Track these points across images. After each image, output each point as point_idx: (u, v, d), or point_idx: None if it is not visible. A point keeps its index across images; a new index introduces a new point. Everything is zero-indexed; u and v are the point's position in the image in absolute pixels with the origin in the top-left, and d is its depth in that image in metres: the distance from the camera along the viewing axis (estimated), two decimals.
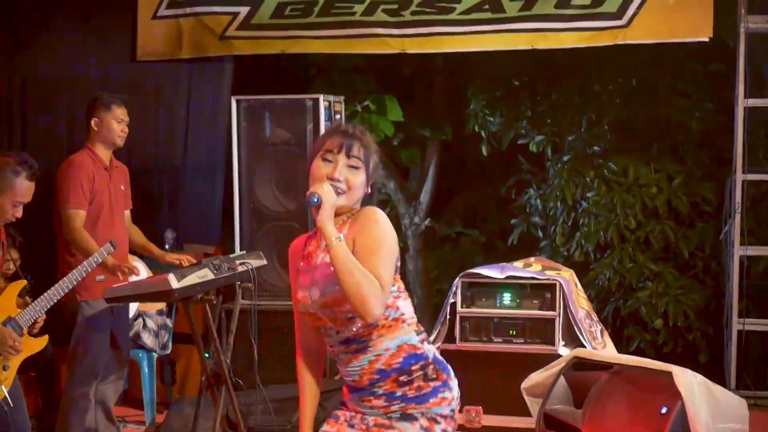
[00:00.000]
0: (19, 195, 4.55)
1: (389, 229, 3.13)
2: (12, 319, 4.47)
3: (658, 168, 7.79)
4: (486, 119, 8.72)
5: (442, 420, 3.15)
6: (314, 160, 3.19)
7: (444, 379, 3.19)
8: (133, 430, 6.49)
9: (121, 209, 5.78)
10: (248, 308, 5.85)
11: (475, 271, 6.35)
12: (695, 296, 7.63)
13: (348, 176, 3.16)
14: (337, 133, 3.21)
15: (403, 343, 3.16)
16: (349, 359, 3.18)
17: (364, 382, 3.17)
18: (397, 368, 3.14)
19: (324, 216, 3.06)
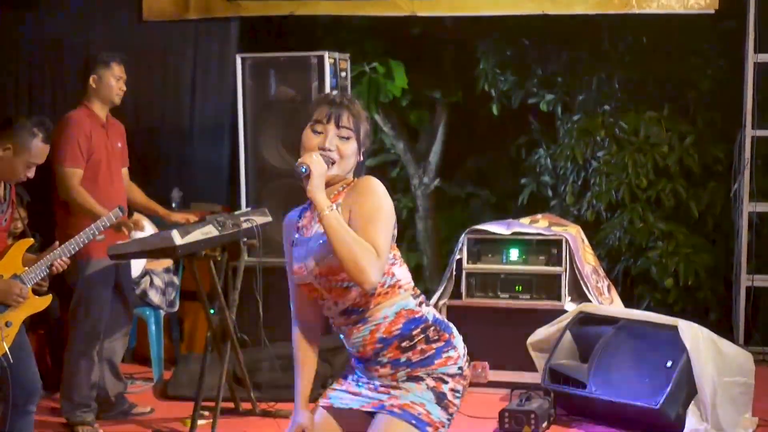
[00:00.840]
0: (33, 156, 4.57)
1: (386, 198, 3.11)
2: (17, 276, 4.48)
3: (670, 127, 7.71)
4: (496, 78, 8.66)
5: (449, 379, 3.12)
6: (304, 130, 3.17)
7: (447, 339, 3.16)
8: (140, 386, 6.50)
9: (119, 167, 5.76)
10: (253, 265, 5.85)
11: (481, 228, 6.33)
12: (706, 255, 7.58)
13: (339, 145, 3.13)
14: (325, 102, 3.18)
15: (401, 308, 3.13)
16: (350, 331, 3.16)
17: (368, 353, 3.15)
18: (398, 335, 3.12)
19: (314, 186, 3.03)
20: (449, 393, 3.12)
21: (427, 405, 3.09)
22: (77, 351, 5.61)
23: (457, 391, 3.15)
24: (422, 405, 3.08)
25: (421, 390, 3.10)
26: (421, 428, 3.06)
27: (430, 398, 3.10)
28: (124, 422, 5.78)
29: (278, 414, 5.77)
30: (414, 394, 3.10)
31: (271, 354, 5.92)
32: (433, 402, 3.09)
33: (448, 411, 3.13)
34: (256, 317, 5.74)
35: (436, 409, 3.09)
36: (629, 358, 5.49)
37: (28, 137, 4.53)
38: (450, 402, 3.13)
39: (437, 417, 3.09)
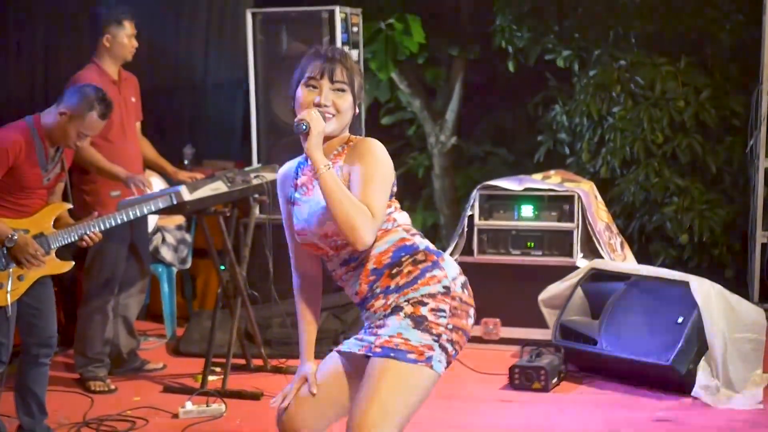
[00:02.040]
0: (86, 128, 4.62)
1: (384, 160, 3.10)
2: (43, 236, 4.51)
3: (686, 81, 7.62)
4: (513, 34, 8.57)
5: (429, 300, 3.10)
6: (297, 88, 3.15)
7: (434, 260, 3.15)
8: (153, 343, 6.54)
9: (132, 122, 5.75)
10: (263, 222, 5.86)
11: (492, 184, 6.30)
12: (722, 211, 7.51)
13: (335, 100, 3.12)
14: (317, 58, 3.15)
15: (393, 241, 3.15)
16: (350, 276, 3.18)
17: (364, 290, 3.16)
18: (388, 263, 3.13)
19: (312, 143, 3.03)
20: (429, 314, 3.08)
21: (404, 333, 3.06)
22: (91, 306, 5.64)
23: (441, 311, 3.10)
24: (399, 335, 3.06)
25: (399, 320, 3.08)
26: (402, 358, 3.04)
27: (406, 325, 3.07)
28: (136, 378, 5.81)
29: (289, 370, 5.79)
30: (391, 328, 3.08)
31: (282, 310, 5.93)
32: (410, 328, 3.07)
33: (432, 332, 3.07)
34: (267, 274, 5.76)
35: (414, 333, 3.06)
36: (640, 314, 5.47)
37: (86, 108, 4.57)
38: (432, 323, 3.08)
39: (417, 341, 3.06)
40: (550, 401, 5.31)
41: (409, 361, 3.05)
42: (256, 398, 5.39)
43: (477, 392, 5.44)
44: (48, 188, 4.64)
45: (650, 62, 7.70)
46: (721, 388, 5.15)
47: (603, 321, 5.55)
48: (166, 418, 5.12)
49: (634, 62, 7.78)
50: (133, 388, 5.63)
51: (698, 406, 5.12)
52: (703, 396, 5.14)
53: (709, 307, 5.22)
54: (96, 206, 5.38)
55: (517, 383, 5.46)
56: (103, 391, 5.54)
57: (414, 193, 9.78)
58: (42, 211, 4.57)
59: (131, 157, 5.68)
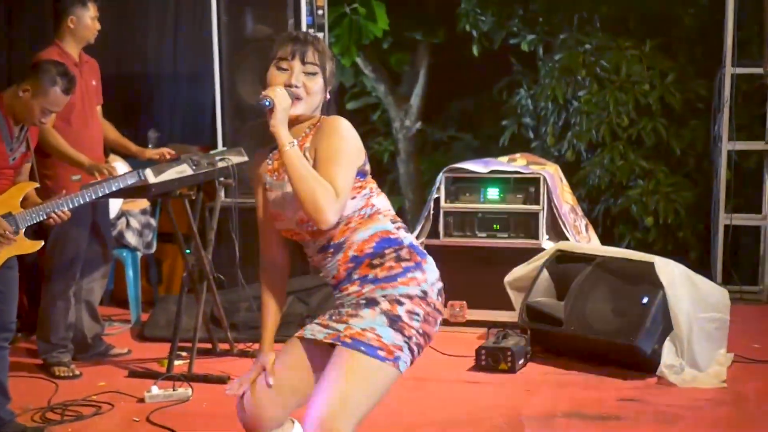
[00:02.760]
0: (50, 103, 4.58)
1: (351, 138, 3.07)
2: (11, 215, 4.45)
3: (651, 65, 7.67)
4: (477, 18, 8.58)
5: (407, 300, 3.07)
6: (269, 69, 3.12)
7: (418, 261, 3.12)
8: (118, 328, 6.49)
9: (94, 105, 5.68)
10: (229, 205, 5.82)
11: (458, 166, 6.30)
12: (686, 194, 7.59)
13: (305, 82, 3.09)
14: (288, 40, 3.12)
15: (377, 230, 3.11)
16: (328, 261, 3.14)
17: (342, 275, 3.13)
18: (369, 253, 3.09)
19: (277, 119, 2.99)
20: (405, 315, 3.06)
21: (378, 329, 3.03)
22: (53, 291, 5.58)
23: (416, 314, 3.08)
24: (372, 330, 3.03)
25: (374, 315, 3.05)
26: (371, 354, 3.01)
27: (381, 322, 3.04)
28: (101, 363, 5.76)
29: (255, 354, 5.73)
30: (366, 321, 3.05)
31: (249, 294, 5.90)
32: (384, 325, 3.04)
33: (404, 333, 3.05)
34: (233, 257, 5.73)
35: (388, 332, 3.04)
36: (606, 295, 5.49)
37: (48, 83, 4.54)
38: (405, 324, 3.06)
39: (390, 340, 3.03)
40: (517, 382, 5.32)
41: (378, 358, 3.02)
42: (222, 382, 5.34)
43: (444, 374, 5.44)
44: (15, 168, 4.59)
45: (615, 46, 7.75)
46: (686, 367, 5.19)
47: (569, 302, 5.56)
48: (131, 402, 5.07)
49: (600, 46, 7.83)
50: (97, 373, 5.58)
51: (663, 386, 5.15)
52: (668, 375, 5.17)
53: (674, 287, 5.25)
54: (57, 190, 5.33)
55: (484, 365, 5.46)
56: (68, 377, 5.49)
57: (379, 178, 9.70)
58: (9, 191, 4.52)
59: (93, 141, 5.62)
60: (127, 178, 4.95)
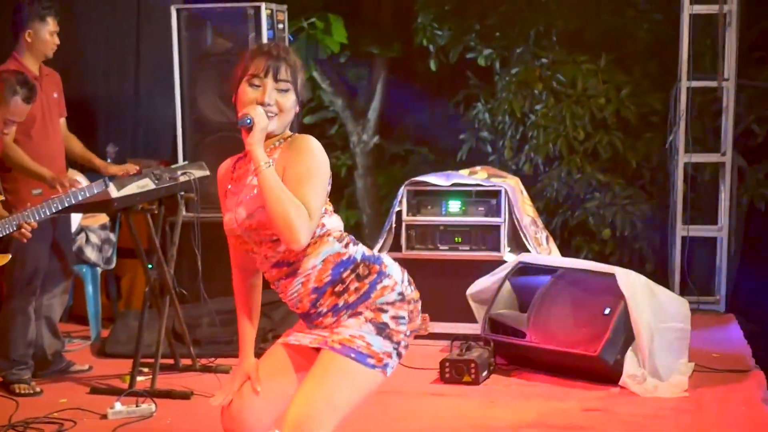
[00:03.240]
0: (11, 113, 4.55)
1: (322, 158, 3.07)
2: None
3: (607, 79, 7.76)
4: (434, 33, 8.63)
5: (389, 307, 3.09)
6: (240, 84, 3.11)
7: (378, 270, 3.13)
8: (78, 345, 6.44)
9: (56, 118, 5.64)
10: (191, 220, 5.80)
11: (420, 179, 6.33)
12: (642, 206, 7.68)
13: (278, 99, 3.08)
14: (261, 55, 3.10)
15: (327, 255, 3.10)
16: (284, 285, 3.13)
17: (306, 306, 3.13)
18: (329, 281, 3.09)
19: (255, 139, 2.99)
20: (391, 321, 3.08)
21: (367, 337, 3.05)
22: (13, 308, 5.52)
23: (401, 317, 3.11)
24: (362, 337, 3.05)
25: (359, 323, 3.06)
26: (361, 361, 3.03)
27: (369, 330, 3.06)
28: (61, 380, 5.71)
29: (218, 369, 5.74)
30: (353, 328, 3.06)
31: (211, 309, 5.88)
32: (373, 333, 3.06)
33: (393, 339, 3.08)
34: (195, 272, 5.71)
35: (377, 339, 3.06)
36: (568, 306, 5.54)
37: (9, 93, 4.53)
38: (393, 330, 3.09)
39: (379, 347, 3.05)
40: (482, 394, 5.34)
41: (367, 365, 3.04)
42: (185, 398, 5.33)
43: (408, 387, 5.44)
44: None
45: (571, 60, 7.82)
46: (648, 377, 5.25)
47: (531, 314, 5.61)
48: (94, 419, 5.03)
49: (556, 60, 7.90)
50: (59, 390, 5.53)
51: (626, 395, 5.21)
52: (630, 385, 5.23)
53: (635, 298, 5.31)
54: (18, 204, 5.28)
55: (448, 377, 5.49)
56: (29, 394, 5.43)
57: (337, 192, 9.78)
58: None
59: (54, 154, 5.58)
60: (93, 187, 4.92)
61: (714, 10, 6.91)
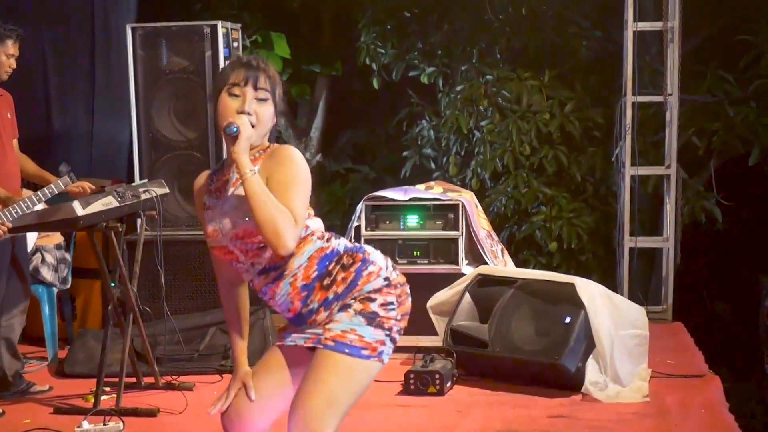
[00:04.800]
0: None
1: (304, 167, 3.13)
2: None
3: (551, 95, 7.93)
4: (377, 52, 8.73)
5: (376, 295, 3.15)
6: (220, 95, 3.15)
7: (362, 258, 3.20)
8: (35, 365, 6.35)
9: (9, 139, 5.60)
10: (150, 239, 5.80)
11: (378, 194, 6.40)
12: (587, 219, 7.85)
13: (257, 109, 3.12)
14: (240, 65, 3.15)
15: (311, 252, 3.16)
16: (272, 290, 3.18)
17: (297, 307, 3.18)
18: (316, 276, 3.15)
19: (240, 147, 3.04)
20: (380, 309, 3.15)
21: (358, 329, 3.11)
22: None
23: (390, 304, 3.18)
24: (353, 331, 3.11)
25: (350, 317, 3.13)
26: (356, 354, 3.10)
27: (359, 322, 3.12)
28: (23, 401, 5.63)
29: (182, 386, 5.73)
30: (344, 323, 3.12)
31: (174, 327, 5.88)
32: (363, 324, 3.12)
33: (384, 327, 3.15)
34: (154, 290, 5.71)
35: (368, 330, 3.12)
36: (528, 316, 5.65)
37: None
38: (383, 318, 3.15)
39: (371, 338, 3.12)
40: (448, 404, 5.41)
41: (362, 357, 3.11)
42: (152, 415, 5.30)
43: (374, 399, 5.45)
44: None
45: (516, 77, 7.98)
46: (610, 383, 5.36)
47: (492, 324, 5.70)
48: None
49: (501, 77, 8.05)
50: (21, 410, 5.45)
51: (589, 401, 5.31)
52: (593, 392, 5.34)
53: (595, 306, 5.44)
54: None
55: (413, 388, 5.54)
56: None
57: None
58: None
59: (9, 174, 5.54)
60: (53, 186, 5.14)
61: (657, 27, 7.11)
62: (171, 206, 6.38)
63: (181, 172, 6.49)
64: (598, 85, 8.08)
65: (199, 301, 6.42)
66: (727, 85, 7.69)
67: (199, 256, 6.42)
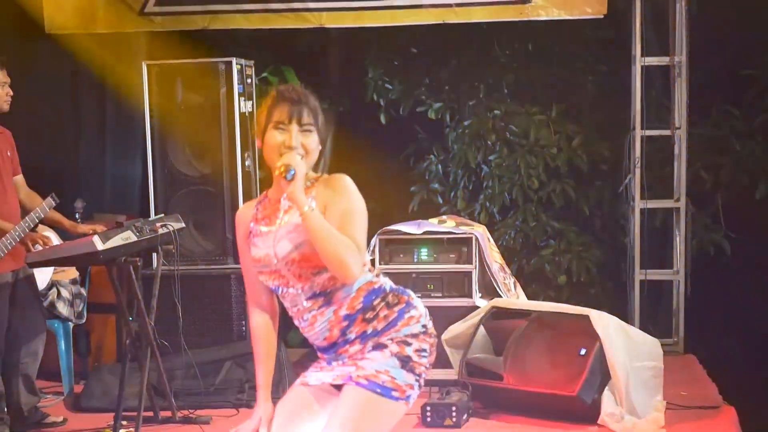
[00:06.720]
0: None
1: (359, 195, 3.22)
2: None
3: (558, 129, 7.99)
4: (384, 87, 8.80)
5: (413, 340, 3.21)
6: (266, 132, 3.22)
7: (406, 300, 3.27)
8: (51, 400, 6.38)
9: (10, 176, 5.65)
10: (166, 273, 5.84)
11: (392, 228, 6.45)
12: (596, 252, 7.88)
13: (303, 141, 3.21)
14: (283, 101, 3.22)
15: (361, 284, 3.22)
16: (314, 317, 3.22)
17: (335, 336, 3.22)
18: (360, 308, 3.20)
19: (296, 187, 3.11)
20: (414, 354, 3.20)
21: (392, 371, 3.16)
22: None
23: (424, 350, 3.23)
24: (386, 372, 3.15)
25: (385, 357, 3.17)
26: (386, 395, 3.14)
27: (394, 364, 3.17)
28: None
29: (199, 420, 5.76)
30: (378, 363, 3.17)
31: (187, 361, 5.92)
32: (397, 367, 3.17)
33: (415, 372, 3.20)
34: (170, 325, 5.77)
35: (401, 373, 3.17)
36: (544, 348, 5.68)
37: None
38: (416, 363, 3.20)
39: (403, 381, 3.17)
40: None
41: (392, 398, 3.16)
42: None
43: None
44: None
45: (524, 111, 8.04)
46: (626, 415, 5.38)
47: (507, 357, 5.73)
48: None
49: (508, 111, 8.11)
50: None
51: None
52: (609, 423, 5.36)
53: (610, 338, 5.47)
54: None
55: (430, 421, 5.57)
56: None
57: None
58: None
59: (10, 211, 5.59)
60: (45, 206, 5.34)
61: (665, 61, 7.19)
62: (186, 241, 6.42)
63: (196, 208, 6.55)
64: (604, 119, 8.13)
65: (214, 335, 6.45)
66: (732, 119, 7.75)
67: (215, 291, 6.47)
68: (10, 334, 5.57)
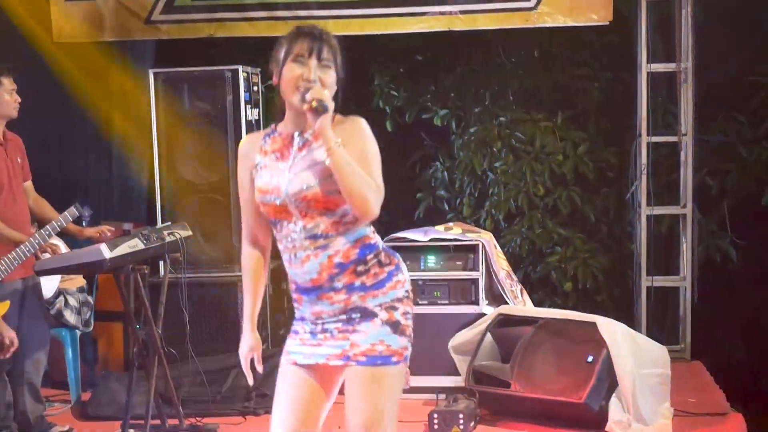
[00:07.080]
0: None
1: (374, 138, 3.28)
2: None
3: (564, 136, 7.99)
4: (390, 95, 8.81)
5: (399, 304, 3.27)
6: (284, 66, 3.22)
7: (396, 263, 3.33)
8: (58, 408, 6.39)
9: (20, 183, 5.66)
10: (173, 281, 5.85)
11: (399, 235, 6.45)
12: (602, 259, 7.88)
13: (321, 76, 3.22)
14: (303, 36, 3.24)
15: (360, 236, 3.26)
16: (307, 257, 3.23)
17: (322, 279, 3.24)
18: (354, 260, 3.23)
19: (326, 121, 3.14)
20: (402, 318, 3.28)
21: (386, 339, 3.23)
22: None
23: (408, 314, 3.32)
24: (381, 342, 3.23)
25: (376, 327, 3.23)
26: (387, 363, 3.22)
27: (386, 332, 3.24)
28: None
29: (206, 428, 5.76)
30: (371, 335, 3.23)
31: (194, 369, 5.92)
32: (390, 333, 3.24)
33: (406, 334, 3.29)
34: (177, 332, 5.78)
35: (394, 338, 3.24)
36: (551, 355, 5.68)
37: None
38: (405, 326, 3.29)
39: (398, 345, 3.25)
40: None
41: (393, 364, 3.24)
42: None
43: None
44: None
45: (529, 118, 8.05)
46: (633, 422, 5.38)
47: (515, 364, 5.73)
48: None
49: (514, 118, 8.12)
50: None
51: None
52: (616, 430, 5.36)
53: (617, 345, 5.47)
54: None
55: (437, 428, 5.57)
56: None
57: None
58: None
59: (21, 218, 5.60)
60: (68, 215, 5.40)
61: (671, 68, 7.19)
62: (193, 249, 6.43)
63: (202, 215, 6.55)
64: (610, 126, 8.14)
65: (221, 343, 6.45)
66: (739, 125, 7.75)
67: (222, 299, 6.48)
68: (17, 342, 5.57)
